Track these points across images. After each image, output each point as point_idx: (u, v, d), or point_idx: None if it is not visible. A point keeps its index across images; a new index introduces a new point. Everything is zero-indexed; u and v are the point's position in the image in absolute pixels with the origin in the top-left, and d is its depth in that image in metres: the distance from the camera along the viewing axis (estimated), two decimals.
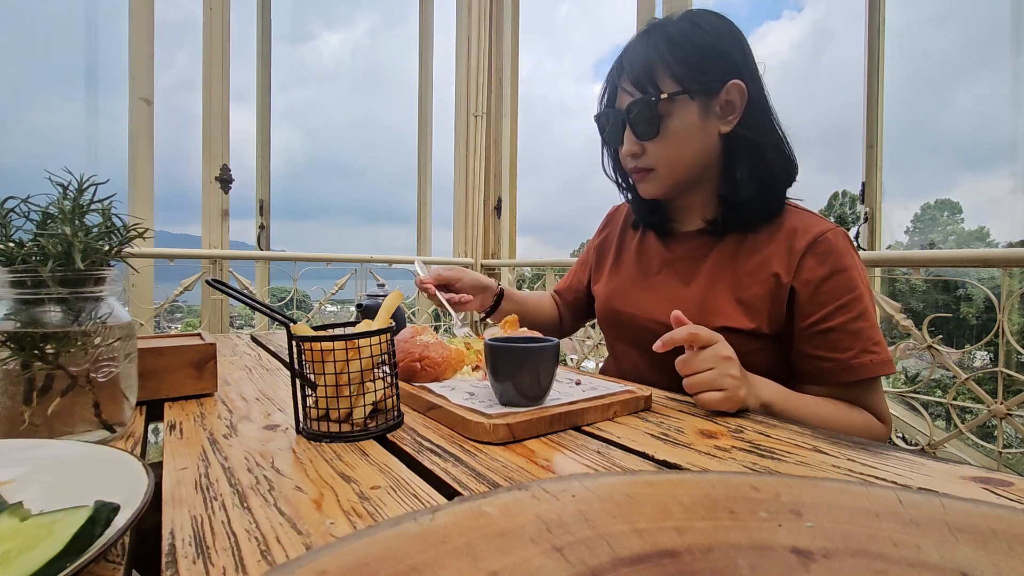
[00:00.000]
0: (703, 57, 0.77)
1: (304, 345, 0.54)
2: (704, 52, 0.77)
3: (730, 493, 0.30)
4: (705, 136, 0.80)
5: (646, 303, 0.88)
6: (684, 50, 0.77)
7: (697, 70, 0.77)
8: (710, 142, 0.80)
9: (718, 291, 0.80)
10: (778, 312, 0.77)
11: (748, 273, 0.79)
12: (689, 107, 0.78)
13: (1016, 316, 1.31)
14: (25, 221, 0.50)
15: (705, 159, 0.81)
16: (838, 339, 0.73)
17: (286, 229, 63.66)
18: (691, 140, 0.79)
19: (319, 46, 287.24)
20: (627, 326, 0.91)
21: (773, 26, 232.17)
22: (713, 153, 0.81)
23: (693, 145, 0.80)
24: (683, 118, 0.78)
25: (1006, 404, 1.20)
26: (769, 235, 0.80)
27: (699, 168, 0.82)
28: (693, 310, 0.79)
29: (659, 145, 0.80)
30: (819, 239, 0.75)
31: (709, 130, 0.79)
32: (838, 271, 0.74)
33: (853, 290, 0.74)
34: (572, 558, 0.26)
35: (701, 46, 0.77)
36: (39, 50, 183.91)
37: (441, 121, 2.94)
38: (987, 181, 79.91)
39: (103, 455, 0.41)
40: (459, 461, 0.48)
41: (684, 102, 0.78)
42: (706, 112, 0.79)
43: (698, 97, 0.78)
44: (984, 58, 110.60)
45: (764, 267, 0.78)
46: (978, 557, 0.25)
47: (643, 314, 0.87)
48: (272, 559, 0.31)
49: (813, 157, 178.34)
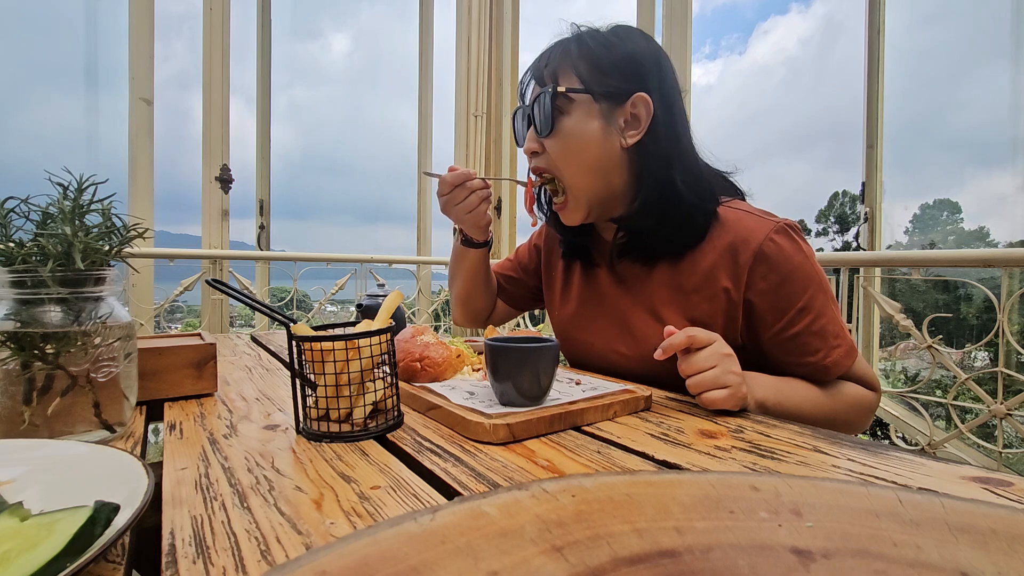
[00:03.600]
0: (612, 63, 0.75)
1: (304, 345, 0.54)
2: (614, 59, 0.75)
3: (730, 493, 0.30)
4: (606, 145, 0.76)
5: (602, 331, 0.87)
6: (594, 53, 0.75)
7: (602, 73, 0.75)
8: (612, 154, 0.77)
9: (669, 312, 0.79)
10: (734, 327, 0.76)
11: (695, 290, 0.77)
12: (590, 109, 0.75)
13: (1016, 316, 1.31)
14: (25, 221, 0.50)
15: (606, 171, 0.78)
16: (806, 343, 0.73)
17: (286, 229, 63.16)
18: (589, 145, 0.76)
19: (319, 45, 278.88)
20: (585, 355, 0.90)
21: (779, 21, 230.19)
22: (616, 167, 0.78)
23: (592, 151, 0.76)
24: (580, 119, 0.75)
25: (1006, 404, 1.20)
26: (709, 245, 0.76)
27: (601, 181, 0.78)
28: (650, 336, 0.79)
29: (556, 143, 0.77)
30: (763, 246, 0.72)
31: (611, 140, 0.76)
32: (791, 272, 0.72)
33: (808, 288, 0.72)
34: (572, 558, 0.26)
35: (612, 52, 0.76)
36: (39, 47, 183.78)
37: (441, 121, 2.94)
38: (995, 178, 79.87)
39: (103, 455, 0.41)
40: (459, 461, 0.48)
41: (586, 103, 0.75)
42: (608, 120, 0.75)
43: (601, 101, 0.75)
44: (991, 53, 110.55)
45: (710, 282, 0.75)
46: (978, 557, 0.25)
47: (600, 343, 0.87)
48: (272, 559, 0.31)
49: (819, 154, 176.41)
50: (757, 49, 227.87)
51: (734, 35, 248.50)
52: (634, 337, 0.82)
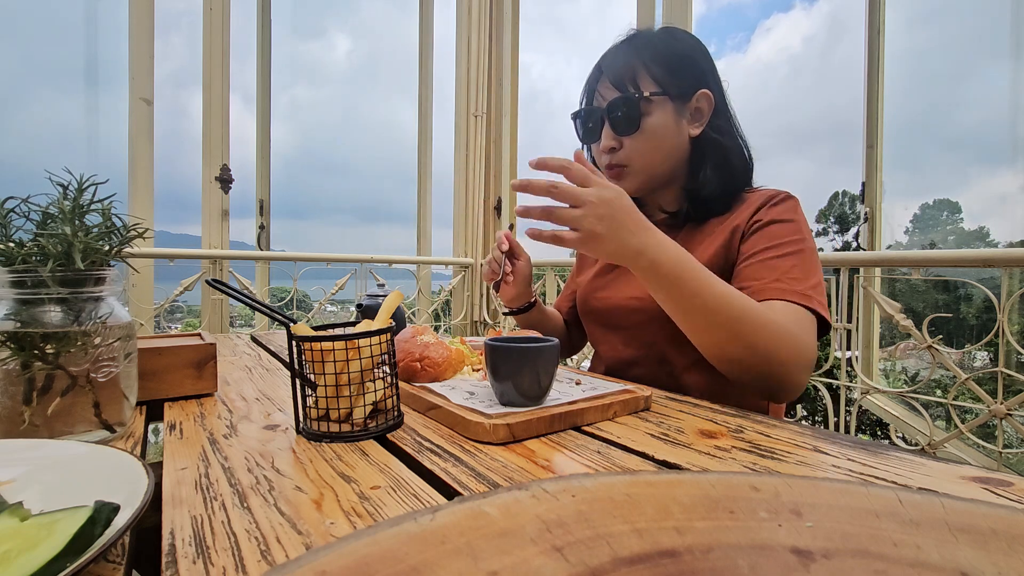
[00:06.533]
0: (679, 65, 0.85)
1: (304, 345, 0.54)
2: (680, 60, 0.86)
3: (730, 493, 0.30)
4: (678, 137, 0.87)
5: (619, 286, 0.94)
6: (664, 56, 0.85)
7: (674, 75, 0.85)
8: (681, 143, 0.88)
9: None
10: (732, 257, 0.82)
11: (713, 241, 0.85)
12: (666, 108, 0.85)
13: (1016, 316, 1.31)
14: (25, 221, 0.50)
15: (675, 159, 0.88)
16: (757, 270, 0.76)
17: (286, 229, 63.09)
18: (666, 139, 0.86)
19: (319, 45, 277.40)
20: (603, 311, 0.96)
21: (781, 18, 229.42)
22: (683, 155, 0.89)
23: (667, 144, 0.86)
24: (660, 118, 0.85)
25: (1006, 404, 1.20)
26: (732, 212, 0.87)
27: (669, 167, 0.89)
28: None
29: (636, 141, 0.86)
30: (774, 196, 0.83)
31: (681, 132, 0.87)
32: (778, 221, 0.80)
33: (786, 237, 0.78)
34: (572, 558, 0.26)
35: (678, 54, 0.86)
36: (39, 47, 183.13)
37: (441, 121, 2.94)
38: (995, 178, 79.80)
39: (103, 455, 0.41)
40: (459, 461, 0.48)
41: (662, 103, 0.85)
42: (679, 115, 0.86)
43: (675, 101, 0.85)
44: (991, 52, 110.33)
45: (728, 232, 0.84)
46: (978, 557, 0.25)
47: (617, 295, 0.93)
48: (272, 559, 0.31)
49: (821, 153, 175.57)
50: (759, 47, 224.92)
51: (739, 35, 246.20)
52: None
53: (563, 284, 1.38)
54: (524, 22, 2.88)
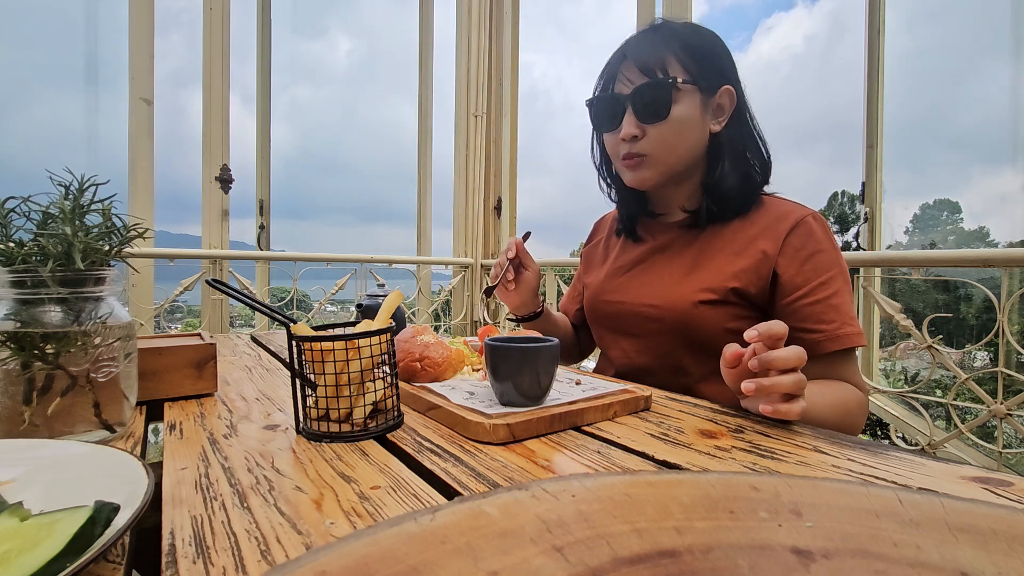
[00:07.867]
0: (705, 58, 0.83)
1: (304, 345, 0.54)
2: (706, 53, 0.84)
3: (730, 493, 0.30)
4: (701, 130, 0.85)
5: (634, 290, 0.91)
6: (693, 47, 0.83)
7: (702, 67, 0.83)
8: (703, 138, 0.86)
9: (708, 268, 0.84)
10: (761, 283, 0.80)
11: (736, 252, 0.83)
12: (695, 98, 0.83)
13: (1016, 316, 1.31)
14: (25, 221, 0.50)
15: (695, 154, 0.86)
16: (823, 312, 0.77)
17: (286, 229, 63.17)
18: (692, 131, 0.84)
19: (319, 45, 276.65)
20: (615, 315, 0.93)
21: (783, 17, 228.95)
22: (701, 150, 0.87)
23: (690, 136, 0.84)
24: (688, 108, 0.82)
25: (1006, 404, 1.20)
26: (752, 221, 0.85)
27: (688, 161, 0.87)
28: (680, 281, 0.84)
29: (661, 130, 0.83)
30: (801, 221, 0.81)
31: (704, 126, 0.85)
32: (819, 251, 0.79)
33: (832, 269, 0.79)
34: (572, 558, 0.26)
35: (705, 48, 0.84)
36: (39, 46, 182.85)
37: (441, 121, 2.94)
38: (995, 178, 79.77)
39: (103, 455, 0.41)
40: (459, 461, 0.48)
41: (692, 92, 0.82)
42: (704, 109, 0.84)
43: (703, 92, 0.83)
44: (991, 52, 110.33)
45: (752, 245, 0.82)
46: (978, 557, 0.25)
47: (631, 300, 0.91)
48: (272, 559, 0.31)
49: (821, 152, 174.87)
50: (760, 46, 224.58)
51: (740, 34, 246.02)
52: (665, 289, 0.86)
53: (563, 284, 1.37)
54: (524, 22, 2.88)
